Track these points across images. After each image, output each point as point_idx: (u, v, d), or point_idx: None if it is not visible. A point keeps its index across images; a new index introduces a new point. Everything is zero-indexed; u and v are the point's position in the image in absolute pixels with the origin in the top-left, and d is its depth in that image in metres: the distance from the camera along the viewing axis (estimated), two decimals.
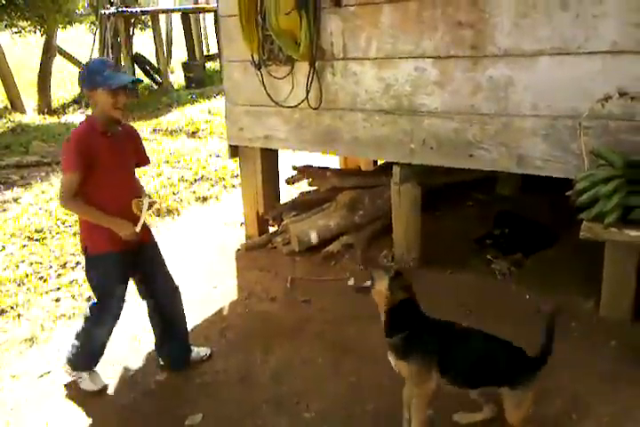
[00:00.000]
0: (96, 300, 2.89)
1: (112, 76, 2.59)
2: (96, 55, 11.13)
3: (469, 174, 4.63)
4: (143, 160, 3.01)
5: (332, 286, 3.95)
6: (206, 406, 2.83)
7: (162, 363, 3.16)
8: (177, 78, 13.20)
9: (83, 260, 4.33)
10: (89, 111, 10.10)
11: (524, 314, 3.35)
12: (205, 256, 4.63)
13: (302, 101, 4.08)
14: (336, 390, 2.88)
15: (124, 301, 2.92)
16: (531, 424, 2.34)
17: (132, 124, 9.31)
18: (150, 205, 2.82)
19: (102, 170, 2.65)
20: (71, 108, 10.17)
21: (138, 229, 2.72)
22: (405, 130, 3.76)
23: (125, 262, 2.80)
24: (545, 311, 2.48)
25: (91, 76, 2.60)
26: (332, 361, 3.12)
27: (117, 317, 2.92)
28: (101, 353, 3.01)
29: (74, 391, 3.01)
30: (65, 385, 3.05)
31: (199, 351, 3.20)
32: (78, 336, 2.98)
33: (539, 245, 4.14)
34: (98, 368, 3.07)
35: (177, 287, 3.07)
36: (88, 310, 2.93)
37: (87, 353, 2.98)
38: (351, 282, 2.57)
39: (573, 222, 2.86)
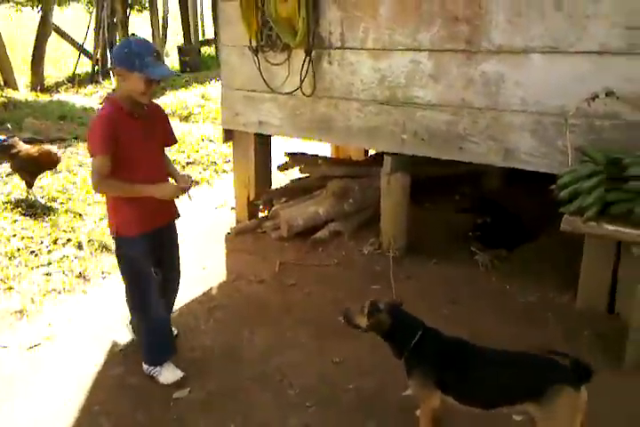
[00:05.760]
0: (128, 284, 2.85)
1: (153, 65, 2.47)
2: (91, 36, 11.05)
3: (458, 168, 4.74)
4: (170, 140, 2.91)
5: (319, 271, 4.05)
6: (194, 381, 2.91)
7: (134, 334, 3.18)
8: (172, 62, 13.15)
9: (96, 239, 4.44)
10: (85, 90, 10.07)
11: (501, 304, 3.48)
12: (195, 238, 4.69)
13: (297, 89, 4.14)
14: (319, 370, 2.97)
15: (157, 283, 2.87)
16: None
17: None
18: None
19: (131, 152, 2.57)
20: (64, 87, 10.10)
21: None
22: (398, 121, 3.84)
23: (155, 241, 2.79)
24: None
25: (130, 57, 2.44)
26: (316, 343, 3.21)
27: (159, 300, 2.87)
28: (166, 342, 2.95)
29: (63, 365, 3.09)
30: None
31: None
32: (138, 333, 2.99)
33: (519, 239, 4.26)
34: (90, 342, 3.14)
35: (179, 277, 3.11)
36: (127, 303, 2.93)
37: (154, 346, 2.92)
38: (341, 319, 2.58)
39: (556, 217, 2.97)
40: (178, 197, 2.71)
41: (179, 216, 2.96)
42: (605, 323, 3.22)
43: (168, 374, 2.91)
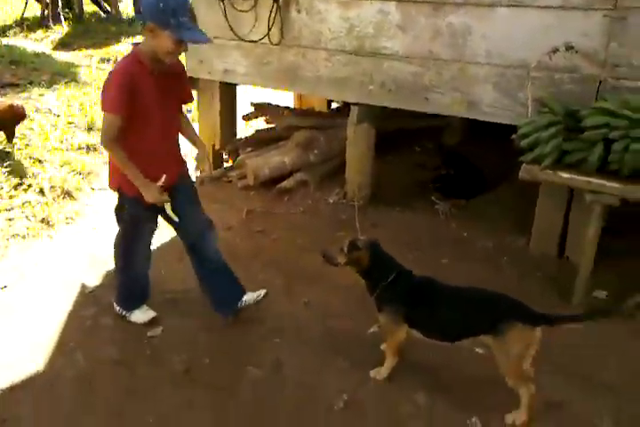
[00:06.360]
0: (121, 235, 2.82)
1: (188, 27, 2.31)
2: None
3: (421, 122, 4.87)
4: (187, 96, 2.75)
5: (285, 218, 4.15)
6: (167, 321, 3.01)
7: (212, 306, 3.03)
8: (125, 8, 12.60)
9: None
10: (35, 35, 9.61)
11: (461, 250, 3.69)
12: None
13: (264, 37, 4.12)
14: (290, 310, 3.11)
15: (150, 241, 2.86)
16: (530, 383, 2.29)
17: (79, 51, 8.86)
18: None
19: (146, 109, 2.46)
20: (12, 31, 9.62)
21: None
22: (366, 71, 3.89)
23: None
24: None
25: (165, 14, 2.26)
26: (285, 285, 3.34)
27: (147, 257, 2.90)
28: (140, 293, 2.99)
29: (34, 306, 3.12)
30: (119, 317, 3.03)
31: (253, 294, 3.03)
32: (117, 279, 2.99)
33: (477, 190, 4.45)
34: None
35: (210, 227, 2.88)
36: (115, 251, 2.89)
37: (129, 294, 2.98)
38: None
39: (514, 168, 3.13)
40: (158, 203, 2.60)
41: (186, 180, 2.82)
42: (556, 266, 3.47)
43: (140, 314, 3.00)
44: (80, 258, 3.61)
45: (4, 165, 4.54)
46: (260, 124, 5.58)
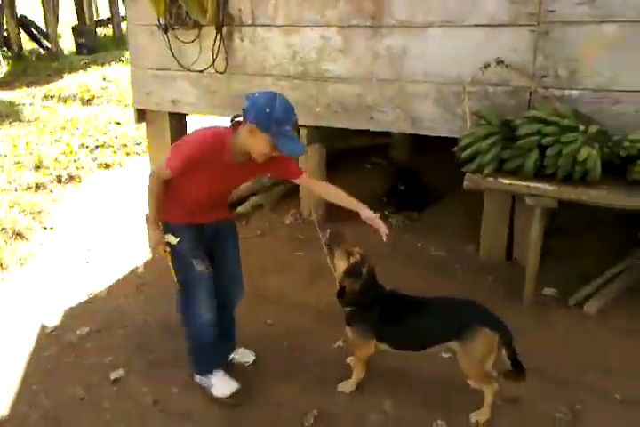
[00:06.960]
0: (179, 286, 2.63)
1: (288, 136, 2.26)
2: None
3: (368, 140, 5.01)
4: (292, 174, 2.59)
5: (244, 242, 4.11)
6: (129, 358, 2.96)
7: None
8: (66, 44, 12.51)
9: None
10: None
11: (415, 259, 3.83)
12: (113, 221, 4.67)
13: (209, 66, 4.19)
14: (254, 332, 3.12)
15: (210, 288, 2.61)
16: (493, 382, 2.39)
17: (21, 90, 8.73)
18: None
19: (204, 179, 2.40)
20: None
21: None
22: (312, 94, 4.01)
23: (201, 235, 2.58)
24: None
25: (270, 120, 2.20)
26: (248, 307, 3.31)
27: (211, 306, 2.63)
28: (216, 351, 2.76)
29: None
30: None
31: (244, 355, 2.94)
32: (186, 340, 2.75)
33: (425, 202, 4.60)
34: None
35: (239, 282, 2.82)
36: (177, 308, 2.71)
37: (201, 354, 2.73)
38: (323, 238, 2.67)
39: (459, 181, 3.26)
40: (156, 252, 2.59)
41: (229, 216, 2.77)
42: (506, 268, 3.62)
43: (221, 385, 2.69)
44: (36, 299, 3.54)
45: None
46: None
